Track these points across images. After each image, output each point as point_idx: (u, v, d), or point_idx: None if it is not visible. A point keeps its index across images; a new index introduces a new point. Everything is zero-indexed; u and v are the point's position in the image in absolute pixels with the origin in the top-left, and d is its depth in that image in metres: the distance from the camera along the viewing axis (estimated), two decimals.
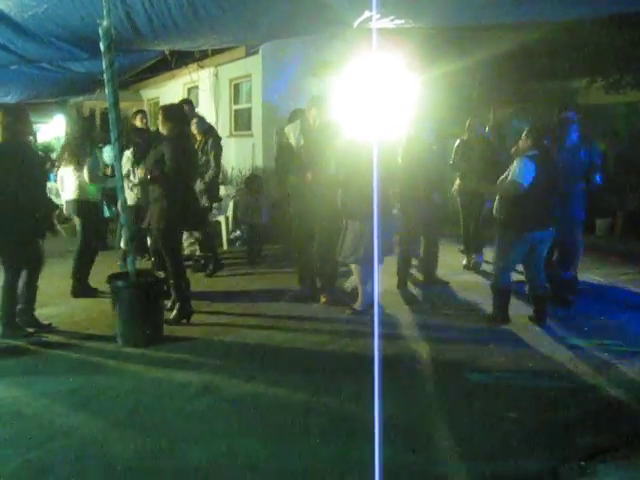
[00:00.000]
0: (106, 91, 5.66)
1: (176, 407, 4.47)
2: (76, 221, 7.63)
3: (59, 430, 4.14)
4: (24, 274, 6.07)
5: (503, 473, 3.67)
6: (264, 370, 5.17)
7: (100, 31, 5.42)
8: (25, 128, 6.16)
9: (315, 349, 5.70)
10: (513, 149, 6.51)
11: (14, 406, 4.51)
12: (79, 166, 7.36)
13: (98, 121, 19.97)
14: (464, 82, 12.51)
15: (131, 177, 8.21)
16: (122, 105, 8.29)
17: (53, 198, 8.24)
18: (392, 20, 6.76)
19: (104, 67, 5.58)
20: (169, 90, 15.97)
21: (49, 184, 8.47)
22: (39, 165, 6.30)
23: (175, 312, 6.41)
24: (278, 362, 5.37)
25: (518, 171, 6.06)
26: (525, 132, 6.26)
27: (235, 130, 13.42)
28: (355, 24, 6.79)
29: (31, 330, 6.11)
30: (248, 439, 3.99)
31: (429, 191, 7.62)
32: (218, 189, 9.29)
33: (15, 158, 5.86)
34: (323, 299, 7.09)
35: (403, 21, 6.98)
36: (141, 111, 9.97)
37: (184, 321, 6.38)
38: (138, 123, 9.33)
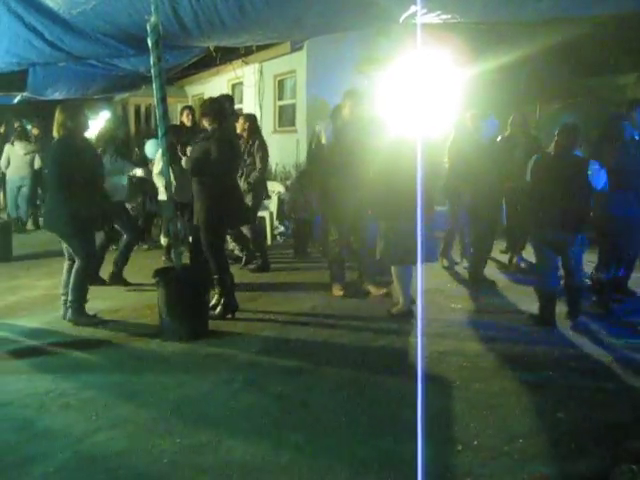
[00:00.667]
0: (153, 87, 5.70)
1: (221, 402, 4.48)
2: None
3: (106, 423, 4.18)
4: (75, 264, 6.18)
5: (552, 474, 3.60)
6: (309, 366, 5.14)
7: (148, 27, 5.46)
8: (81, 123, 6.24)
9: (360, 346, 5.67)
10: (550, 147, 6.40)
11: (62, 398, 4.56)
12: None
13: (142, 117, 20.23)
14: (510, 77, 12.35)
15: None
16: (168, 101, 8.35)
17: None
18: (438, 15, 6.69)
19: (151, 63, 5.62)
20: (214, 86, 16.08)
21: None
22: (97, 159, 6.41)
23: (220, 307, 6.43)
24: (323, 358, 5.34)
25: None
26: (558, 131, 6.12)
27: (279, 126, 13.46)
28: (401, 19, 6.74)
29: (97, 318, 6.28)
30: (292, 436, 3.98)
31: (480, 188, 7.52)
32: (265, 189, 9.27)
33: (77, 152, 5.97)
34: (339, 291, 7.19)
35: (449, 16, 6.90)
36: (188, 107, 10.03)
37: (229, 316, 6.39)
38: (185, 120, 9.39)
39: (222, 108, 6.73)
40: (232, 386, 4.75)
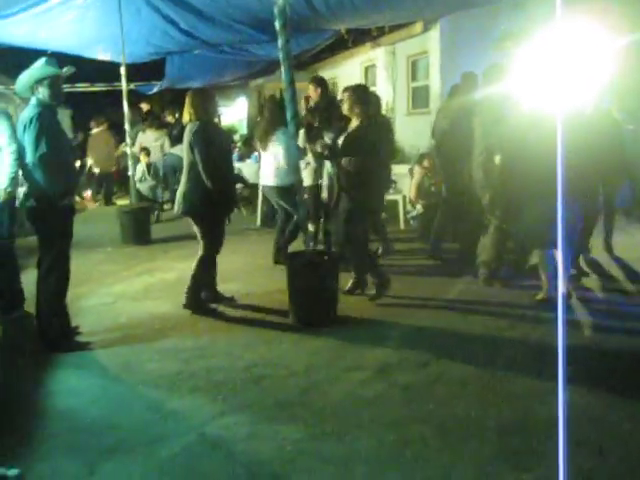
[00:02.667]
0: (282, 70, 5.66)
1: (347, 390, 4.39)
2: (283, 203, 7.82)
3: (231, 407, 4.19)
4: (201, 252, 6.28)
5: None
6: (439, 356, 4.95)
7: (275, 10, 5.42)
8: (212, 109, 6.30)
9: (494, 335, 5.41)
10: None
11: (191, 380, 4.63)
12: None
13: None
14: None
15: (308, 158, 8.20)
16: (300, 85, 8.34)
17: None
18: None
19: (279, 46, 5.57)
20: (346, 69, 16.03)
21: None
22: (228, 144, 6.49)
23: (375, 287, 6.43)
24: (454, 348, 5.13)
25: None
26: None
27: (413, 108, 13.22)
28: None
29: (213, 306, 6.34)
30: (418, 429, 3.83)
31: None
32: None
33: (209, 137, 6.03)
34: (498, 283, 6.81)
35: None
36: (318, 79, 9.98)
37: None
38: (313, 94, 9.32)
39: (369, 94, 6.63)
40: (359, 374, 4.65)
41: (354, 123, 6.29)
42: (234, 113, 22.58)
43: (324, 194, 7.47)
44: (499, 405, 4.10)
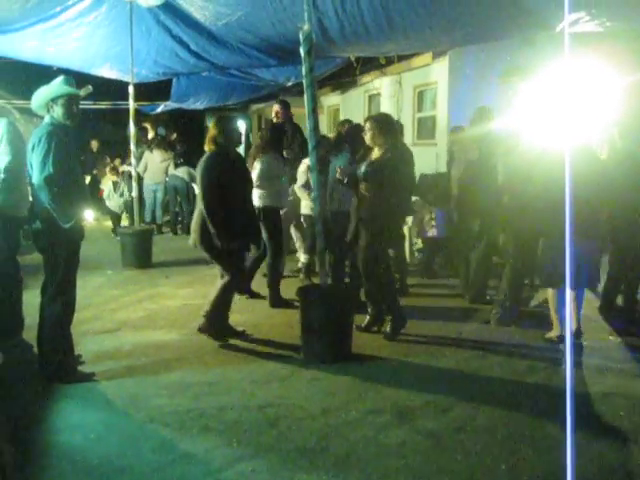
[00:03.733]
0: (305, 98, 5.51)
1: (368, 436, 4.16)
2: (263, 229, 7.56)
3: (247, 451, 3.97)
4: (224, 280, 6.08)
5: None
6: (462, 401, 4.74)
7: (300, 35, 5.28)
8: (234, 138, 6.23)
9: (513, 380, 5.23)
10: None
11: (202, 419, 4.40)
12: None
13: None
14: None
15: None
16: (299, 111, 8.23)
17: None
18: (603, 22, 6.24)
19: (303, 73, 5.43)
20: (350, 97, 15.91)
21: None
22: (244, 173, 6.30)
23: (391, 325, 6.23)
24: (476, 392, 4.92)
25: None
26: None
27: (418, 138, 13.09)
28: (558, 28, 6.30)
29: (227, 337, 6.12)
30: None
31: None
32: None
33: (216, 166, 5.91)
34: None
35: (616, 23, 6.42)
36: (348, 121, 9.96)
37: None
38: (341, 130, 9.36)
39: (394, 123, 6.50)
40: (380, 418, 4.43)
41: (377, 153, 6.15)
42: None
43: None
44: (530, 457, 3.90)
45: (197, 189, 6.06)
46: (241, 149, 8.78)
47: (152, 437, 4.20)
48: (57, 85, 4.98)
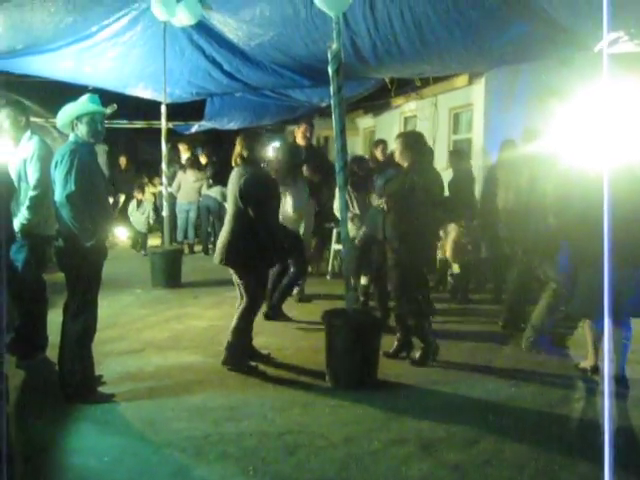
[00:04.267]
0: (333, 118, 5.42)
1: (391, 467, 4.00)
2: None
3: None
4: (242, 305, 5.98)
5: None
6: (487, 432, 4.56)
7: (329, 54, 5.21)
8: (260, 154, 6.18)
9: (544, 411, 5.02)
10: None
11: (220, 445, 4.29)
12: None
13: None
14: None
15: (350, 207, 7.90)
16: (329, 133, 8.17)
17: None
18: None
19: (331, 92, 5.35)
20: (385, 119, 15.81)
21: None
22: (277, 191, 6.24)
23: (421, 352, 6.07)
24: (503, 423, 4.72)
25: None
26: None
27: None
28: (596, 48, 6.16)
29: (253, 364, 5.96)
30: None
31: None
32: None
33: (263, 185, 5.88)
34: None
35: None
36: (382, 141, 9.91)
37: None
38: (378, 154, 9.35)
39: (419, 142, 6.37)
40: (403, 449, 4.26)
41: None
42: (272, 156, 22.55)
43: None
44: None
45: (228, 206, 5.98)
46: None
47: (168, 462, 4.10)
48: (82, 103, 4.96)
